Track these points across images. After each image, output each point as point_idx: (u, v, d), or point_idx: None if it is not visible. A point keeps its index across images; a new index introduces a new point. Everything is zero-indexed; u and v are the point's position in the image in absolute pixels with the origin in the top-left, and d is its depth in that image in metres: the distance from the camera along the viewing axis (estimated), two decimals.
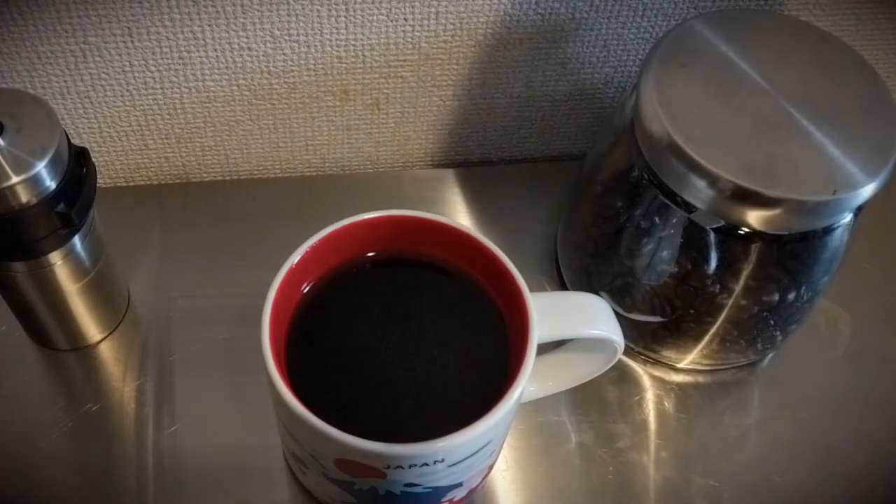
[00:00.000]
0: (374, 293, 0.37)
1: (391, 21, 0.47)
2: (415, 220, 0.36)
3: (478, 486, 0.40)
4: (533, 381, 0.38)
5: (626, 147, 0.41)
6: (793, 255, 0.40)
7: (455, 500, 0.38)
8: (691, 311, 0.43)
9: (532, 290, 0.35)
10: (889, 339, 0.50)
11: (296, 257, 0.35)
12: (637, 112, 0.39)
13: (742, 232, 0.38)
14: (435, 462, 0.32)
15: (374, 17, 0.47)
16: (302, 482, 0.40)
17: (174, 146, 0.53)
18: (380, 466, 0.31)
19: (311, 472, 0.36)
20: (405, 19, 0.48)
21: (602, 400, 0.46)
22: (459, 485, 0.36)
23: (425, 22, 0.48)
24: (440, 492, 0.36)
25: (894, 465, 0.45)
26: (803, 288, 0.42)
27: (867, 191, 0.36)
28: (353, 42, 0.48)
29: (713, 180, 0.36)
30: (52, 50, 0.46)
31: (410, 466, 0.31)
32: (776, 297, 0.41)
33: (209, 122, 0.52)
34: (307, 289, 0.36)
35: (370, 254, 0.37)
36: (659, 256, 0.42)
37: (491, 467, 0.40)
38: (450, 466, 0.33)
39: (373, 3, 0.46)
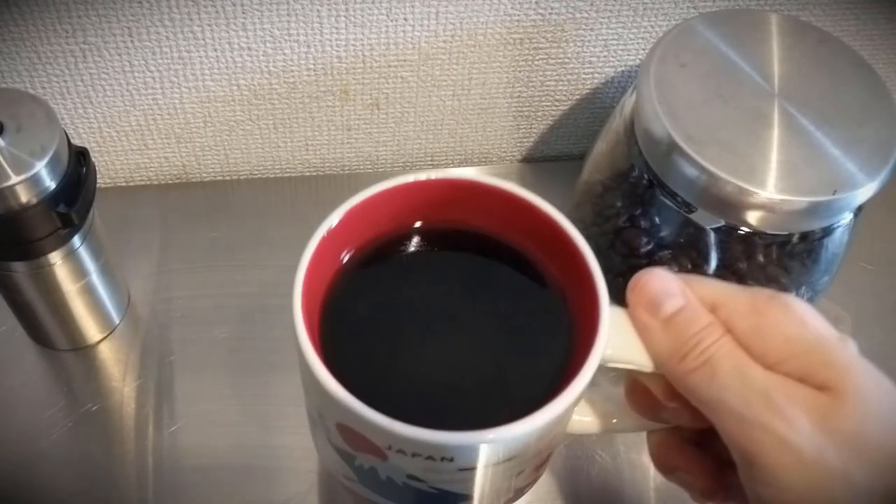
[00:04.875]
0: (421, 265, 0.33)
1: (391, 21, 0.47)
2: (471, 185, 0.32)
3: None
4: (590, 409, 0.33)
5: (626, 147, 0.41)
6: (793, 255, 0.40)
7: None
8: None
9: None
10: (889, 339, 0.50)
11: (335, 218, 0.31)
12: (637, 112, 0.39)
13: (742, 232, 0.38)
14: (442, 459, 0.27)
15: (374, 17, 0.47)
16: (315, 444, 0.35)
17: (174, 146, 0.53)
18: (379, 444, 0.28)
19: (319, 434, 0.32)
20: (405, 19, 0.48)
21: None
22: (473, 497, 0.31)
23: (425, 22, 0.48)
24: (447, 499, 0.31)
25: None
26: (803, 288, 0.42)
27: (867, 191, 0.36)
28: (353, 42, 0.48)
29: (713, 180, 0.36)
30: (52, 50, 0.46)
31: (413, 455, 0.27)
32: None
33: (209, 122, 0.52)
34: (347, 257, 0.32)
35: (417, 223, 0.33)
36: (659, 256, 0.42)
37: (520, 493, 0.34)
38: (460, 471, 0.28)
39: (373, 3, 0.46)
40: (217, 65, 0.48)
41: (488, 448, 0.27)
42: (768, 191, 0.35)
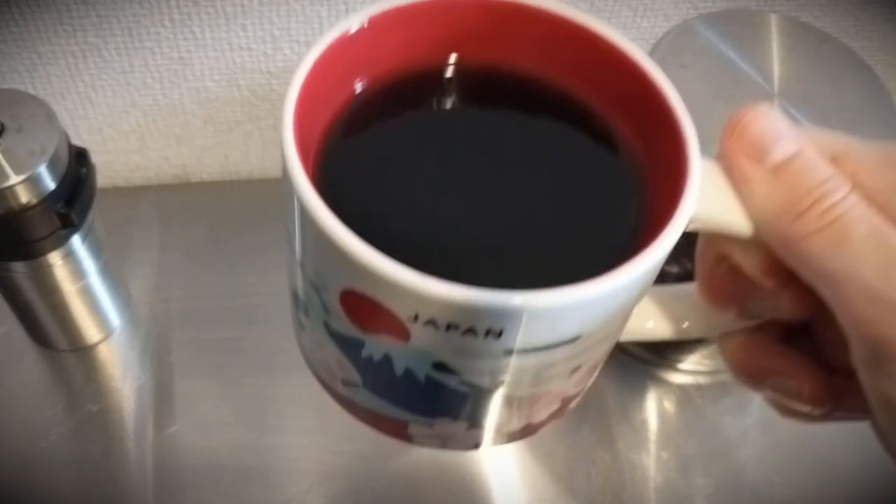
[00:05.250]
0: (456, 108, 0.26)
1: None
2: (519, 8, 0.24)
3: (544, 424, 0.27)
4: (657, 312, 0.27)
5: None
6: None
7: (500, 428, 0.25)
8: None
9: None
10: None
11: (355, 23, 0.24)
12: None
13: None
14: (487, 332, 0.20)
15: None
16: (301, 348, 0.28)
17: (174, 146, 0.53)
18: (403, 314, 0.20)
19: (312, 320, 0.25)
20: None
21: (602, 400, 0.46)
22: (516, 401, 0.24)
23: None
24: (485, 399, 0.23)
25: (894, 465, 0.45)
26: None
27: None
28: None
29: None
30: (52, 50, 0.46)
31: (448, 328, 0.20)
32: None
33: (209, 122, 0.52)
34: (361, 87, 0.25)
35: (453, 57, 0.26)
36: None
37: (565, 405, 0.26)
38: (506, 354, 0.21)
39: (373, 3, 0.46)
40: (217, 65, 0.48)
41: (551, 316, 0.20)
42: None
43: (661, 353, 0.46)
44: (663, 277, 0.23)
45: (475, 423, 0.25)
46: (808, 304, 0.22)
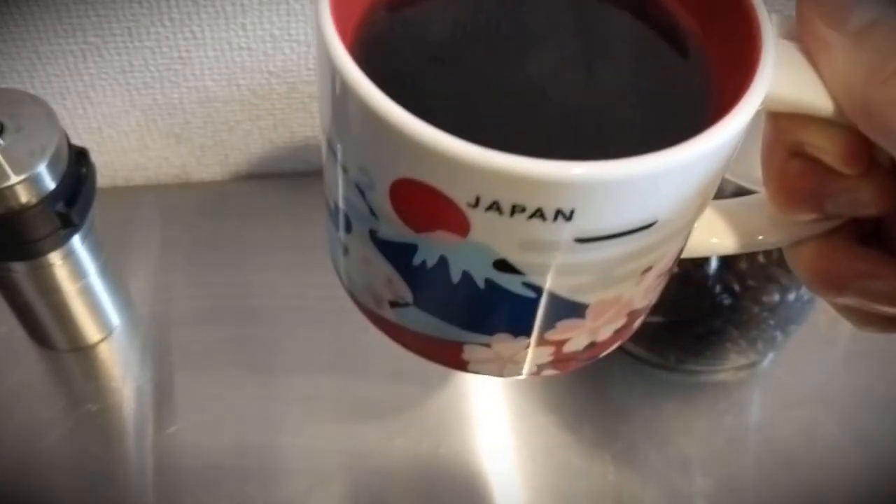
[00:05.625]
0: None
1: None
2: None
3: (609, 345, 0.25)
4: (726, 226, 0.25)
5: None
6: None
7: (564, 346, 0.23)
8: (692, 312, 0.43)
9: None
10: (889, 339, 0.50)
11: None
12: None
13: None
14: (557, 213, 0.18)
15: None
16: (342, 277, 0.26)
17: (174, 146, 0.53)
18: (463, 201, 0.18)
19: (355, 237, 0.23)
20: None
21: (602, 400, 0.46)
22: (582, 310, 0.22)
23: None
24: (549, 307, 0.21)
25: (894, 465, 0.45)
26: (803, 288, 0.42)
27: None
28: None
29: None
30: (52, 50, 0.46)
31: (514, 211, 0.18)
32: (776, 297, 0.41)
33: (209, 122, 0.52)
34: None
35: None
36: None
37: (630, 322, 0.24)
38: (577, 242, 0.19)
39: None
40: (217, 64, 0.48)
41: (625, 191, 0.18)
42: None
43: (661, 354, 0.46)
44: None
45: (537, 339, 0.22)
46: (890, 195, 0.21)
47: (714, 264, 0.40)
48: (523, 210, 0.18)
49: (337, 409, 0.45)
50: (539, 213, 0.18)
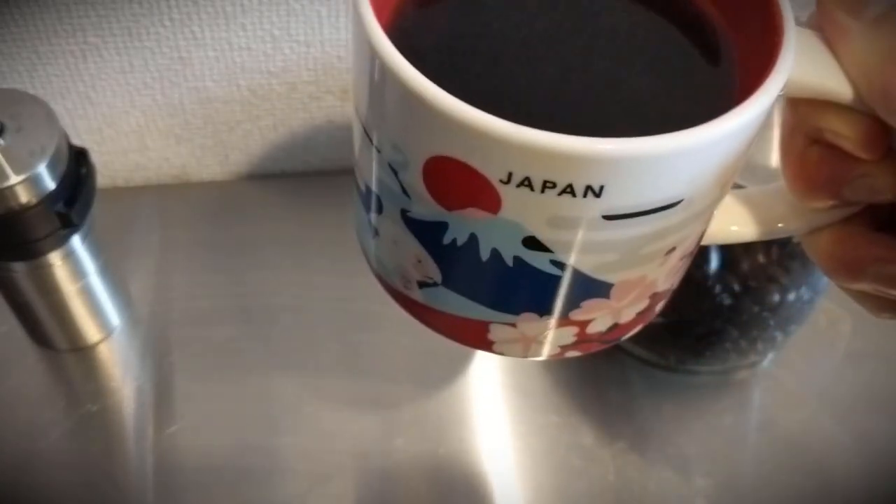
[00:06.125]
0: None
1: None
2: None
3: (631, 327, 0.25)
4: (747, 214, 0.26)
5: None
6: (793, 255, 0.40)
7: (587, 327, 0.24)
8: (692, 312, 0.43)
9: None
10: (889, 339, 0.50)
11: None
12: None
13: None
14: (587, 189, 0.19)
15: None
16: (371, 259, 0.26)
17: (174, 146, 0.53)
18: (495, 177, 0.19)
19: (386, 218, 0.23)
20: None
21: (602, 400, 0.46)
22: (607, 289, 0.22)
23: None
24: (575, 285, 0.22)
25: (894, 465, 0.45)
26: (803, 288, 0.42)
27: None
28: None
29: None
30: (52, 50, 0.46)
31: (545, 187, 0.19)
32: (776, 297, 0.41)
33: (209, 122, 0.52)
34: None
35: None
36: None
37: (653, 304, 0.25)
38: (604, 219, 0.20)
39: None
40: (217, 65, 0.48)
41: (654, 168, 0.19)
42: None
43: (661, 354, 0.46)
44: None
45: (562, 318, 0.23)
46: None
47: (714, 264, 0.40)
48: (554, 186, 0.18)
49: (337, 409, 0.45)
50: (569, 189, 0.19)
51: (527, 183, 0.19)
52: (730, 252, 0.40)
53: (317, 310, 0.47)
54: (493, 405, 0.45)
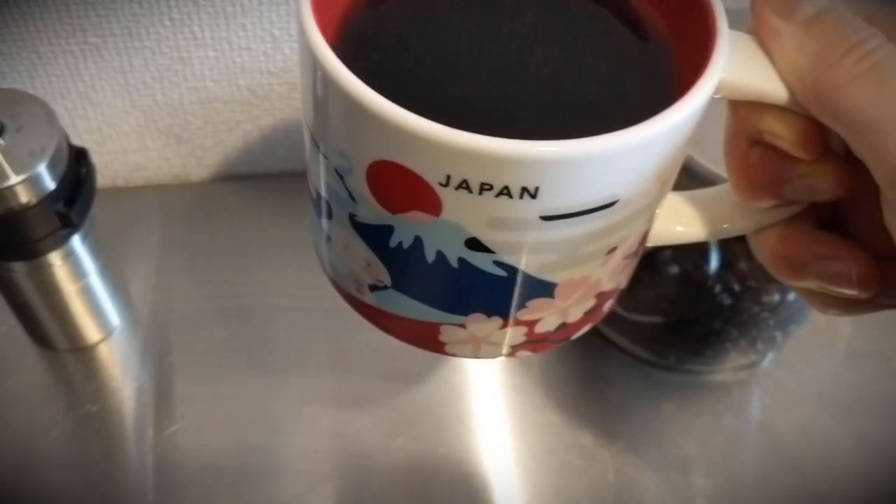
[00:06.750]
0: None
1: None
2: None
3: (579, 326, 0.25)
4: (694, 214, 0.26)
5: None
6: None
7: (536, 326, 0.24)
8: (692, 312, 0.43)
9: None
10: (889, 339, 0.50)
11: None
12: None
13: None
14: (523, 191, 0.19)
15: None
16: (325, 265, 0.27)
17: (174, 146, 0.53)
18: (434, 180, 0.19)
19: (335, 223, 0.24)
20: None
21: (602, 400, 0.46)
22: (552, 289, 0.23)
23: None
24: (520, 285, 0.22)
25: (894, 465, 0.45)
26: None
27: None
28: None
29: (713, 180, 0.36)
30: (52, 50, 0.46)
31: (482, 189, 0.19)
32: (776, 297, 0.41)
33: (209, 122, 0.52)
34: None
35: None
36: (660, 257, 0.42)
37: (600, 303, 0.25)
38: (542, 220, 0.20)
39: None
40: (217, 65, 0.48)
41: (588, 169, 0.19)
42: None
43: (661, 354, 0.46)
44: (662, 277, 0.23)
45: (510, 318, 0.23)
46: (844, 180, 0.22)
47: (714, 264, 0.40)
48: (491, 188, 0.19)
49: (337, 409, 0.45)
50: (506, 191, 0.19)
51: (465, 185, 0.19)
52: (730, 252, 0.40)
53: (316, 310, 0.47)
54: (493, 405, 0.45)
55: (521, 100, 0.22)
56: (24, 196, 0.35)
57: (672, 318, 0.44)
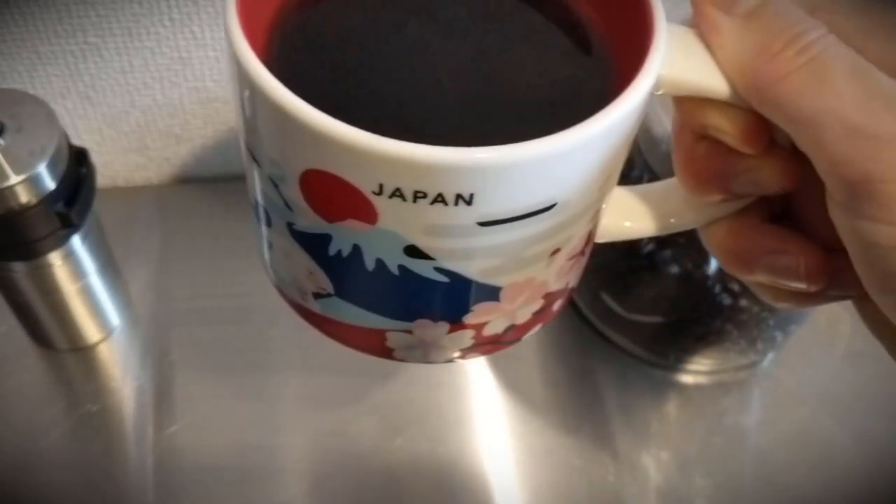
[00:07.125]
0: None
1: None
2: None
3: (529, 327, 0.25)
4: (641, 210, 0.26)
5: None
6: None
7: (483, 330, 0.24)
8: (692, 312, 0.43)
9: None
10: None
11: None
12: None
13: None
14: (458, 198, 0.19)
15: None
16: (271, 274, 0.27)
17: (174, 146, 0.53)
18: (367, 188, 0.19)
19: (275, 231, 0.23)
20: None
21: (602, 400, 0.46)
22: (496, 292, 0.23)
23: None
24: (463, 290, 0.22)
25: (894, 465, 0.45)
26: None
27: None
28: None
29: None
30: (52, 50, 0.46)
31: (417, 197, 0.19)
32: None
33: (209, 122, 0.52)
34: None
35: None
36: (660, 256, 0.42)
37: (549, 304, 0.25)
38: (480, 226, 0.20)
39: None
40: (217, 65, 0.48)
41: (522, 173, 0.19)
42: None
43: (661, 353, 0.46)
44: (662, 277, 0.23)
45: (456, 323, 0.23)
46: (790, 173, 0.22)
47: (714, 264, 0.40)
48: (425, 196, 0.19)
49: (337, 409, 0.45)
50: (440, 199, 0.19)
51: (398, 194, 0.19)
52: None
53: None
54: (493, 405, 0.45)
55: (455, 105, 0.22)
56: (24, 196, 0.35)
57: (672, 318, 0.44)
